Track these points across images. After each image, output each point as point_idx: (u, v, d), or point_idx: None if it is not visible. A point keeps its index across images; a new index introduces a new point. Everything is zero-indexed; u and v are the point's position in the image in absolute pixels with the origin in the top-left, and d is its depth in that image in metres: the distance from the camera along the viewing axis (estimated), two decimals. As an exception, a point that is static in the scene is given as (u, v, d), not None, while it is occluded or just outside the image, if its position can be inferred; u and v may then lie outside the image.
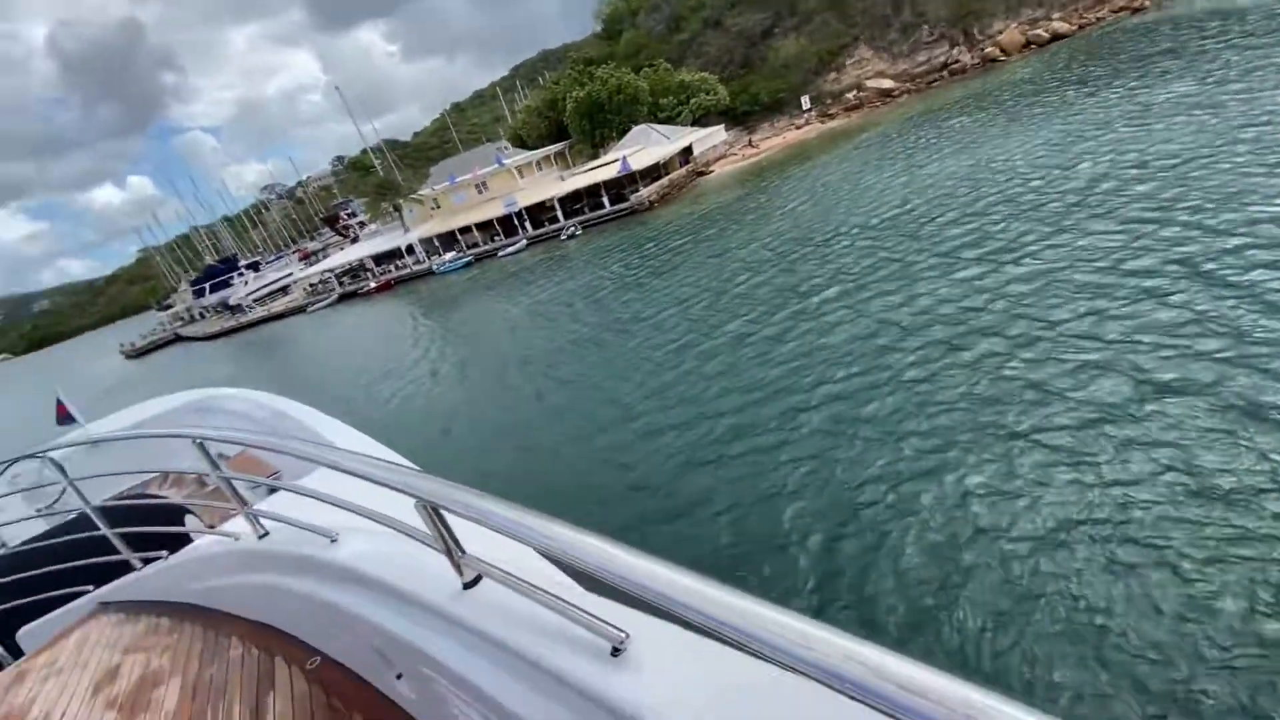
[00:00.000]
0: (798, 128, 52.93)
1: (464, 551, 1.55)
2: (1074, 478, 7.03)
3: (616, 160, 42.50)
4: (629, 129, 52.01)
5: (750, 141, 52.16)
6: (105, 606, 4.32)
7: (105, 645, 3.79)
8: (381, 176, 60.26)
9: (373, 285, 48.78)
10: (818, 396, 10.64)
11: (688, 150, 47.73)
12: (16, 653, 4.75)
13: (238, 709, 2.61)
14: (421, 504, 1.45)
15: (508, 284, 33.16)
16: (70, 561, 4.54)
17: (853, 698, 0.71)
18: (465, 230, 47.79)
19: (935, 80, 51.73)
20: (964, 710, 0.61)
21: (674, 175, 44.24)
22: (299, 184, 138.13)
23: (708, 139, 50.29)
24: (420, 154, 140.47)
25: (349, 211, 75.13)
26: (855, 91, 54.26)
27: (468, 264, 44.99)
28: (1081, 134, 21.18)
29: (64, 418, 9.16)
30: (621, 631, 1.17)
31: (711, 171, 46.47)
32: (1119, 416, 7.70)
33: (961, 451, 8.01)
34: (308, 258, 72.84)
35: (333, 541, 2.28)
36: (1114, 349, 9.04)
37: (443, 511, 1.46)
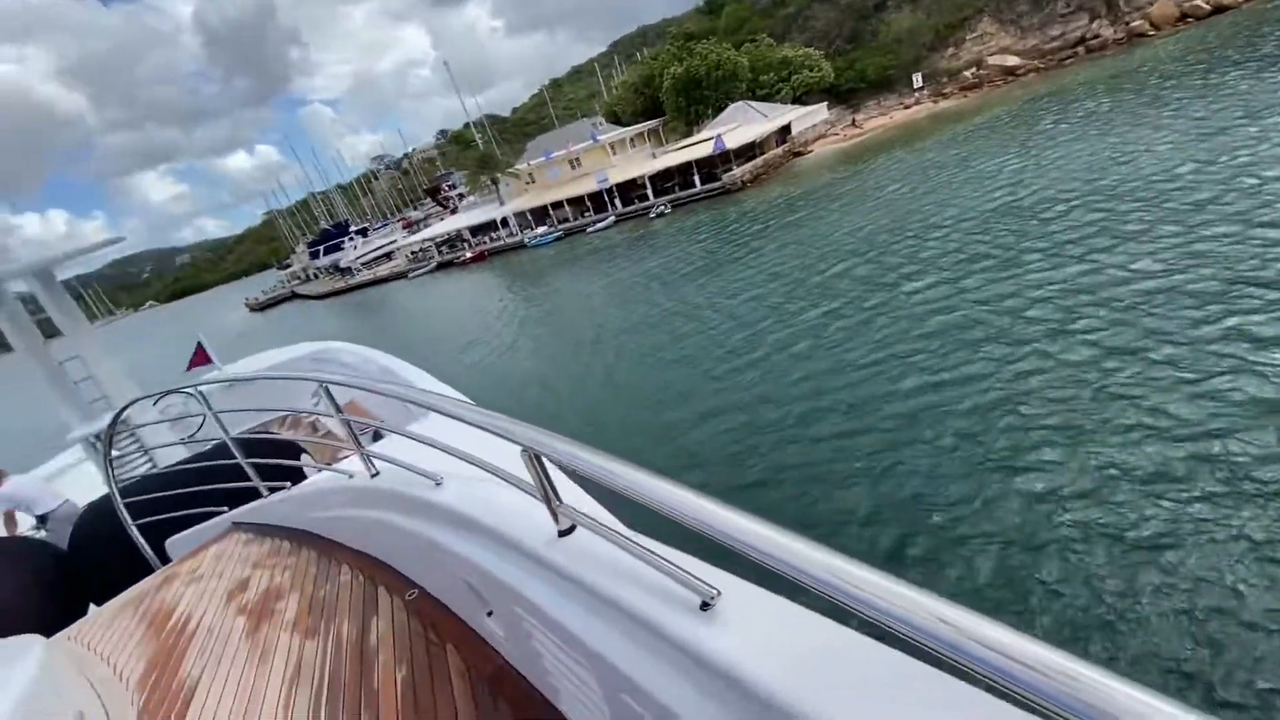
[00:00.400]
0: (906, 108, 49.86)
1: (561, 500, 1.60)
2: (1198, 502, 6.31)
3: (711, 138, 41.72)
4: (726, 106, 50.87)
5: (854, 121, 49.67)
6: (238, 526, 4.79)
7: (237, 559, 4.21)
8: (481, 150, 62.32)
9: (468, 255, 50.82)
10: (901, 390, 10.11)
11: (786, 129, 46.13)
12: (164, 559, 5.32)
13: (346, 627, 2.84)
14: (526, 451, 1.49)
15: (593, 259, 33.52)
16: (209, 484, 5.06)
17: (943, 662, 0.69)
18: (557, 205, 48.73)
19: (1068, 58, 47.00)
20: (1066, 681, 0.59)
21: (769, 155, 42.93)
22: (405, 156, 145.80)
23: (808, 118, 48.36)
24: (518, 129, 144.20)
25: (450, 183, 78.36)
26: (975, 69, 50.30)
27: (557, 238, 45.93)
28: (1231, 126, 18.59)
29: (203, 360, 10.40)
30: (712, 588, 1.19)
31: (810, 152, 44.72)
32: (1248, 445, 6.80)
33: (1064, 467, 7.37)
34: (410, 226, 76.85)
35: (437, 484, 2.39)
36: (1246, 374, 7.93)
37: (544, 459, 1.49)
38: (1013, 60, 48.49)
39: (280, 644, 2.95)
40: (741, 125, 46.05)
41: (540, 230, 48.36)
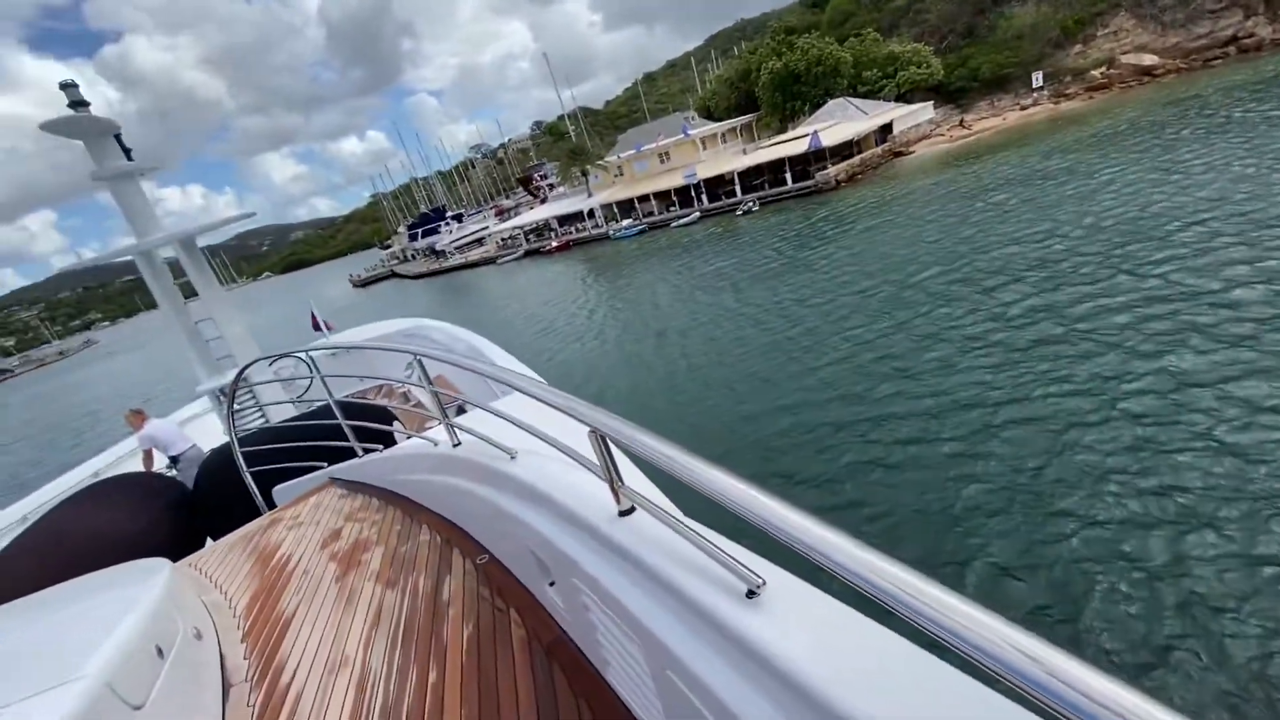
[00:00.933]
0: (1022, 109, 46.45)
1: (623, 482, 1.67)
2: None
3: (806, 135, 40.57)
4: (824, 102, 49.29)
5: (962, 122, 46.83)
6: (334, 481, 5.14)
7: (332, 511, 4.53)
8: (574, 142, 63.54)
9: (554, 244, 52.00)
10: (995, 414, 9.45)
11: (887, 128, 44.13)
12: (271, 504, 5.79)
13: (422, 582, 3.05)
14: (594, 433, 1.55)
15: (674, 253, 33.43)
16: (313, 441, 5.58)
17: (997, 683, 0.68)
18: (644, 198, 48.99)
19: (1216, 58, 42.23)
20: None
21: (867, 154, 41.25)
22: (501, 145, 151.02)
23: (911, 117, 46.02)
24: (609, 121, 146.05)
25: (541, 173, 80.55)
26: (1104, 69, 46.14)
27: (641, 231, 46.16)
28: None
29: (315, 326, 11.48)
30: (759, 577, 1.22)
31: (911, 152, 42.58)
32: None
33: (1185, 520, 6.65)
34: (502, 214, 79.67)
35: (512, 458, 2.51)
36: None
37: (609, 441, 1.55)
38: (1150, 59, 44.09)
39: (364, 591, 3.17)
40: (840, 122, 44.51)
41: (625, 223, 48.81)
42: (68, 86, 7.82)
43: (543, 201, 70.81)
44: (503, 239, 62.13)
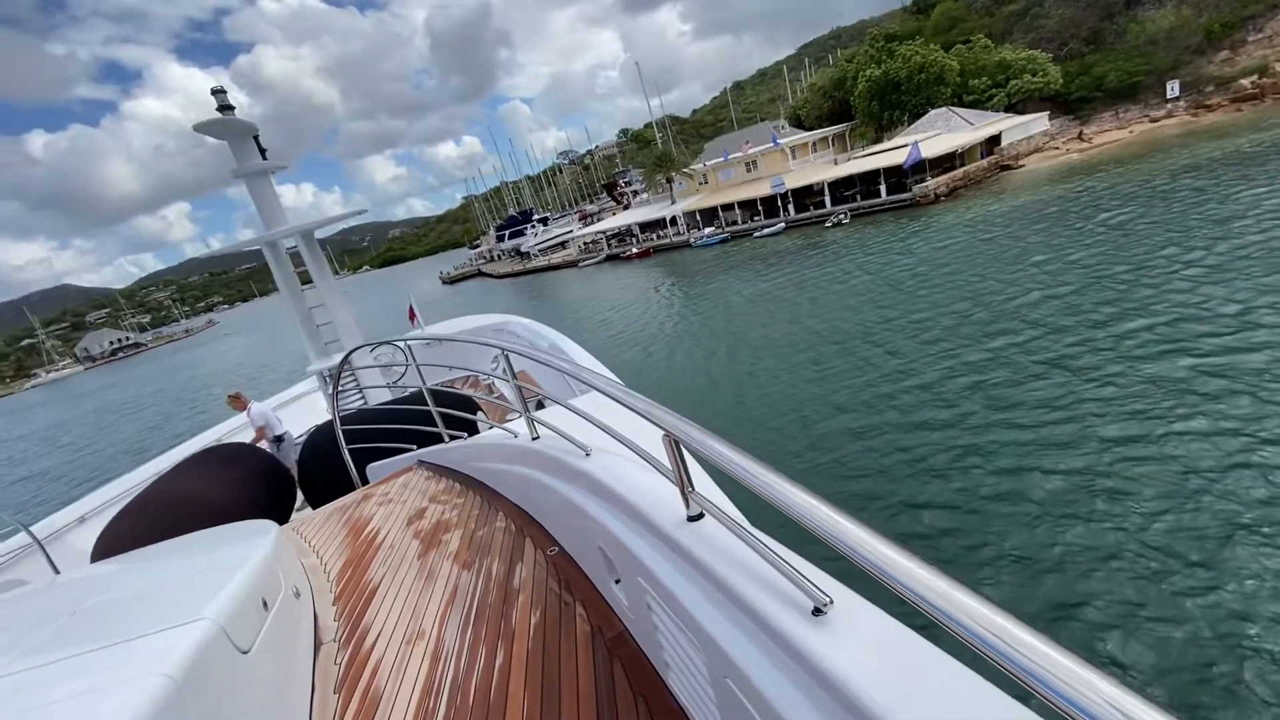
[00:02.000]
0: (1153, 120, 42.27)
1: (694, 487, 1.66)
2: None
3: (904, 145, 38.66)
4: (925, 112, 46.87)
5: (1080, 134, 43.18)
6: (422, 463, 5.34)
7: (418, 491, 4.69)
8: (661, 149, 63.76)
9: (634, 251, 52.18)
10: (1102, 456, 8.35)
11: (994, 139, 41.36)
12: (364, 480, 6.16)
13: (496, 566, 3.15)
14: (668, 436, 1.56)
15: (754, 264, 32.61)
16: (404, 425, 5.90)
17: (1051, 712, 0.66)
18: (727, 207, 48.32)
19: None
20: None
21: (971, 167, 38.77)
22: (588, 151, 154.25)
23: (1022, 128, 42.89)
24: (695, 130, 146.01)
25: (626, 180, 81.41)
26: (1256, 77, 41.27)
27: (723, 240, 45.47)
28: None
29: (412, 317, 12.48)
30: (826, 595, 1.19)
31: (1022, 166, 39.65)
32: None
33: None
34: (585, 219, 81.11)
35: (586, 455, 2.56)
36: None
37: (682, 446, 1.55)
38: (1316, 66, 39.00)
39: (443, 569, 3.31)
40: (941, 133, 42.15)
41: (707, 231, 48.28)
42: (218, 92, 8.53)
43: (626, 208, 71.47)
44: (585, 243, 63.12)
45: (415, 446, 5.65)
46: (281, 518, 6.18)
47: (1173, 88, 43.21)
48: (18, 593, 3.10)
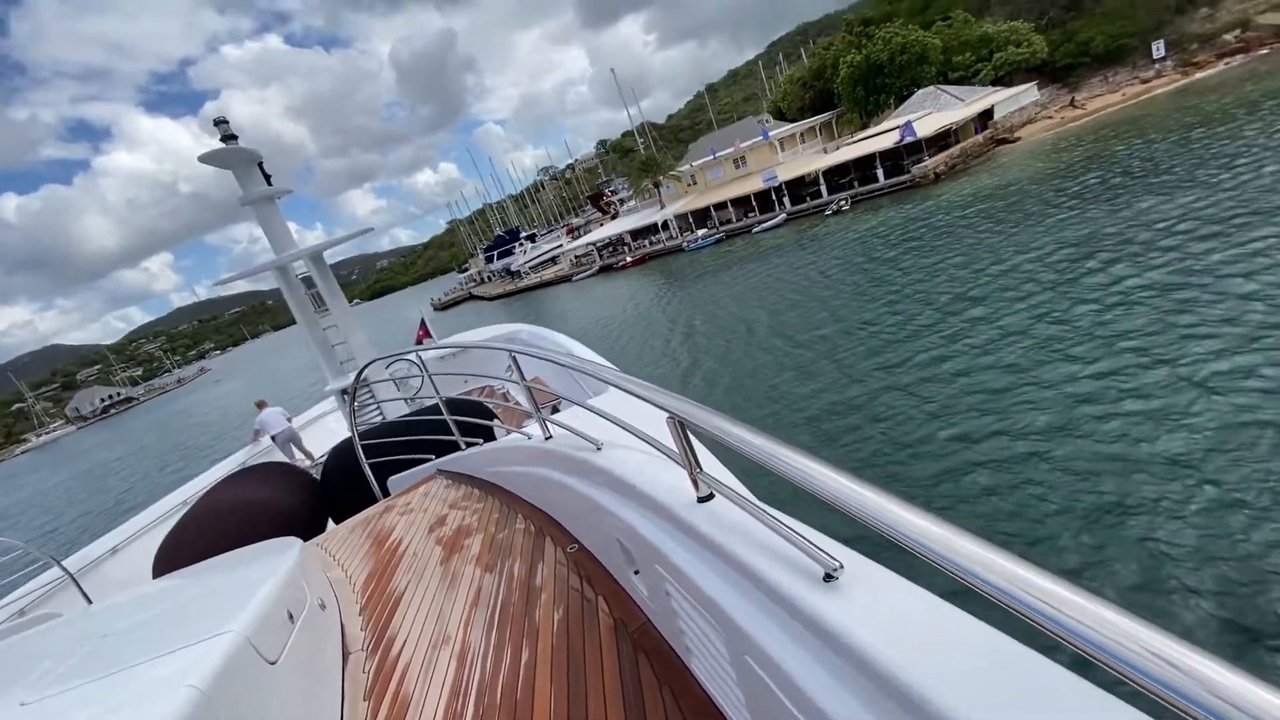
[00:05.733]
0: (1144, 81, 41.68)
1: (701, 468, 1.68)
2: None
3: (895, 128, 37.71)
4: (911, 94, 46.06)
5: (1073, 101, 42.42)
6: (441, 472, 5.40)
7: (439, 499, 4.75)
8: (644, 155, 62.87)
9: (628, 259, 51.08)
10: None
11: (987, 114, 40.51)
12: (386, 492, 6.17)
13: (517, 567, 3.15)
14: (671, 418, 1.57)
15: (749, 263, 31.51)
16: (422, 435, 5.93)
17: (1120, 686, 0.62)
18: (720, 206, 47.27)
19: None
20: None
21: (967, 143, 37.83)
22: (568, 166, 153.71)
23: (1013, 100, 42.09)
24: (674, 135, 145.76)
25: (611, 189, 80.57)
26: (1239, 31, 40.74)
27: (718, 241, 44.40)
28: None
29: (425, 334, 12.32)
30: (835, 560, 1.20)
31: (1017, 139, 38.76)
32: None
33: None
34: (573, 232, 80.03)
35: (598, 449, 2.57)
36: None
37: (687, 429, 1.57)
38: (1302, 13, 38.44)
39: (465, 574, 3.33)
40: (931, 112, 41.28)
41: (699, 234, 47.13)
42: (220, 123, 8.55)
43: (614, 217, 70.44)
44: (576, 256, 62.00)
45: (434, 456, 5.67)
46: (314, 529, 6.44)
47: (1158, 48, 42.69)
48: (52, 624, 3.19)
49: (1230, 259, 11.90)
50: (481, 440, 4.97)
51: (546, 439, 3.23)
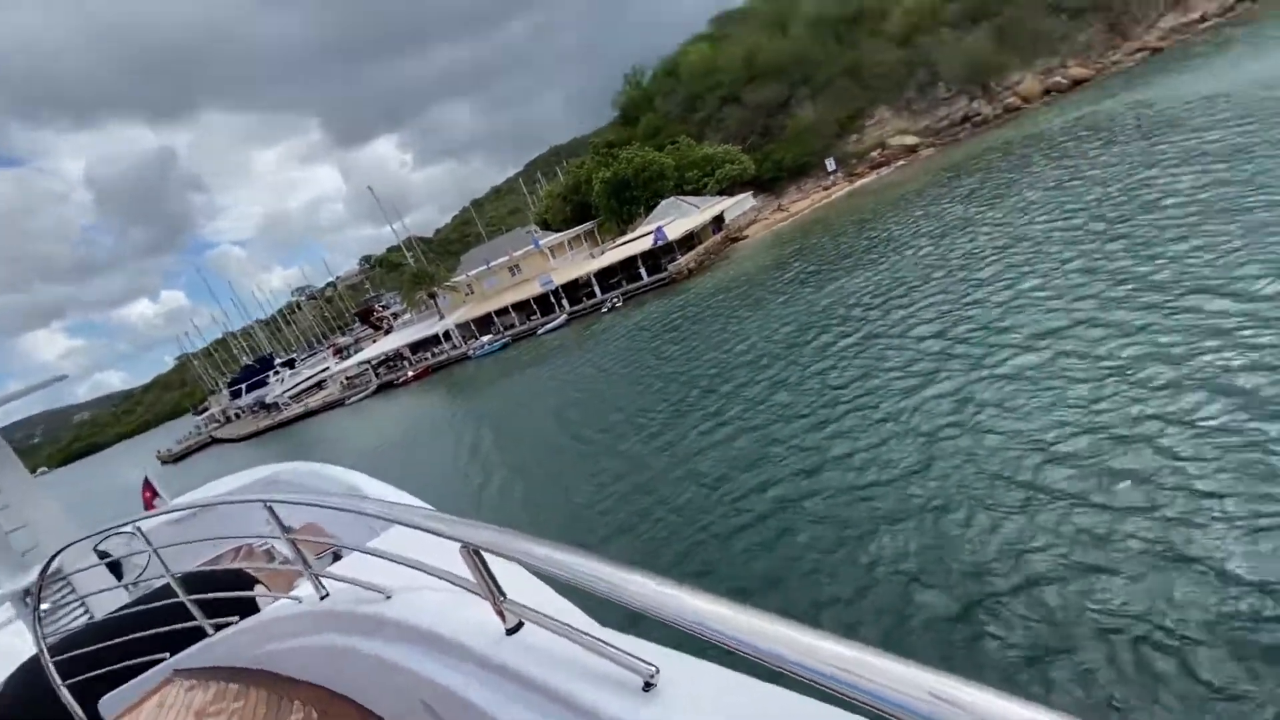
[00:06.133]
0: (825, 189, 53.03)
1: (505, 596, 1.56)
2: None
3: (650, 232, 42.32)
4: (657, 203, 52.47)
5: (780, 206, 52.19)
6: (179, 673, 4.46)
7: (179, 710, 3.90)
8: (415, 268, 61.24)
9: (410, 374, 48.18)
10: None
11: (719, 218, 47.68)
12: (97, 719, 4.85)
13: None
14: (465, 548, 1.48)
15: (540, 364, 32.38)
16: (149, 629, 4.66)
17: None
18: (502, 312, 47.51)
19: (959, 133, 51.89)
20: None
21: (708, 243, 43.87)
22: (329, 284, 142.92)
23: (737, 206, 50.42)
24: (443, 247, 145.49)
25: (382, 304, 76.37)
26: (879, 150, 54.67)
27: (504, 345, 44.31)
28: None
29: (153, 496, 9.69)
30: (651, 666, 1.17)
31: (746, 236, 46.11)
32: None
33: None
34: (340, 352, 73.37)
35: (387, 598, 2.30)
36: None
37: (484, 555, 1.47)
38: (911, 139, 53.06)
39: None
40: (675, 219, 47.30)
41: (484, 340, 46.64)
42: None
43: (387, 332, 66.40)
44: (348, 378, 56.61)
45: (169, 654, 4.56)
46: None
47: (830, 164, 55.03)
48: None
49: (893, 322, 15.59)
50: (238, 618, 4.13)
51: (323, 598, 2.80)
